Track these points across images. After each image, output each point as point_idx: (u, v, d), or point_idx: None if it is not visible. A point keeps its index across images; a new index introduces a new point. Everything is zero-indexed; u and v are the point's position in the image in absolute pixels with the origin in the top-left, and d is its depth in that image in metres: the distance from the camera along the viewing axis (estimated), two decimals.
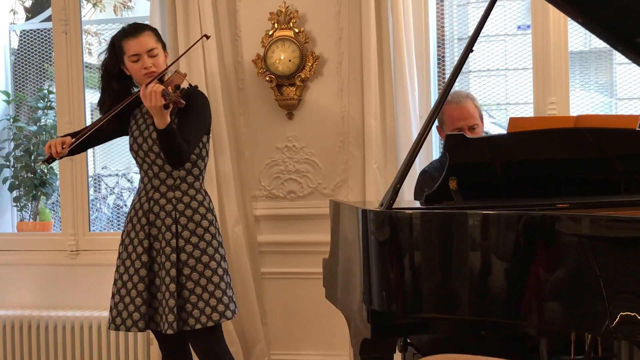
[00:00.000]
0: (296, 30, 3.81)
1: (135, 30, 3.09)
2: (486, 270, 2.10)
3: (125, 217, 3.19)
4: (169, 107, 2.86)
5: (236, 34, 3.94)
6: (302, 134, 3.89)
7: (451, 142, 2.42)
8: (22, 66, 4.67)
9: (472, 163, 2.44)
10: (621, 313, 1.83)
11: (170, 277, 3.00)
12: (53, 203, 4.65)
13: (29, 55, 4.66)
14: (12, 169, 4.48)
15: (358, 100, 3.74)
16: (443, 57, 4.01)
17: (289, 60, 3.79)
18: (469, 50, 2.45)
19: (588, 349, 2.36)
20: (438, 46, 3.93)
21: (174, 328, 2.98)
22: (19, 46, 4.72)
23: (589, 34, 3.48)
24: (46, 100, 4.50)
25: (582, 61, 4.00)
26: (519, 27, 4.03)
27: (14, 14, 4.93)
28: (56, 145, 3.06)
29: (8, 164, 4.47)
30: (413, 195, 3.33)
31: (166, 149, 2.94)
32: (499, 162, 2.45)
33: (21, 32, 4.72)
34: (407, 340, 2.80)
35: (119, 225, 4.67)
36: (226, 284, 3.09)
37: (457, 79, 2.48)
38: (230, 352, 3.20)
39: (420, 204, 2.64)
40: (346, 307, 2.68)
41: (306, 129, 3.89)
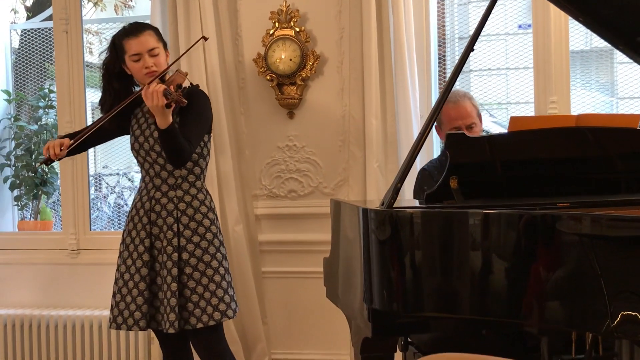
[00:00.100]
0: (297, 30, 3.81)
1: (136, 29, 3.08)
2: (487, 270, 2.10)
3: (127, 216, 3.19)
4: (170, 107, 2.86)
5: (237, 33, 3.93)
6: (303, 133, 3.89)
7: (452, 141, 2.42)
8: (23, 65, 4.67)
9: (472, 162, 2.44)
10: (622, 312, 1.82)
11: (171, 276, 3.00)
12: (54, 202, 4.65)
13: (29, 54, 4.66)
14: (13, 168, 4.48)
15: (359, 99, 3.74)
16: (444, 56, 4.01)
17: (290, 60, 3.79)
18: (469, 49, 2.45)
19: (589, 348, 2.36)
20: (439, 45, 3.93)
21: (175, 327, 2.98)
22: (19, 45, 4.72)
23: (590, 33, 3.47)
24: (47, 99, 4.50)
25: (583, 60, 4.00)
26: (519, 26, 4.03)
27: (15, 13, 4.93)
28: (54, 147, 3.05)
29: (9, 163, 4.48)
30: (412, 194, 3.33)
31: (168, 148, 2.94)
32: (500, 161, 2.45)
33: (22, 31, 4.72)
34: (408, 339, 2.80)
35: (119, 224, 4.67)
36: (227, 283, 3.09)
37: (458, 78, 2.48)
38: (231, 352, 3.19)
39: (420, 203, 2.64)
40: (347, 306, 2.68)
41: (307, 128, 3.88)
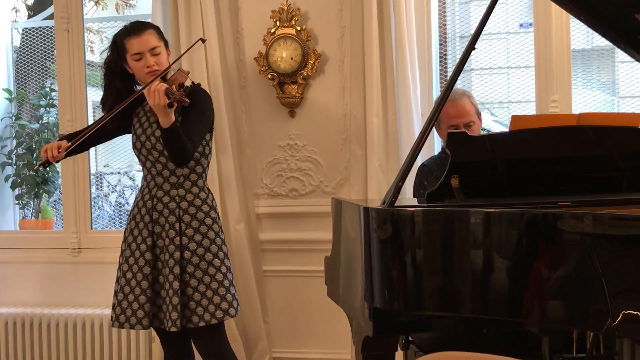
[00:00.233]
0: (298, 28, 3.80)
1: (138, 28, 3.08)
2: (488, 268, 2.10)
3: (128, 215, 3.19)
4: (173, 106, 2.86)
5: (238, 32, 3.93)
6: (304, 132, 3.89)
7: (453, 140, 2.42)
8: (24, 64, 4.68)
9: (474, 161, 2.44)
10: (623, 311, 1.82)
11: (173, 275, 3.00)
12: (55, 201, 4.65)
13: (31, 53, 4.66)
14: (15, 166, 4.48)
15: (360, 98, 3.73)
16: (445, 55, 4.01)
17: (291, 58, 3.79)
18: (471, 48, 2.44)
19: (590, 347, 2.35)
20: (440, 44, 3.93)
21: (177, 325, 2.98)
22: (21, 44, 4.72)
23: (591, 31, 3.47)
24: (48, 98, 4.50)
25: (585, 59, 4.00)
26: (521, 25, 4.02)
27: (16, 11, 4.93)
28: (52, 150, 3.05)
29: (10, 161, 4.48)
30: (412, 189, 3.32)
31: (170, 147, 2.94)
32: (501, 160, 2.45)
33: (23, 30, 4.72)
34: (409, 338, 2.80)
35: (121, 223, 4.67)
36: (229, 281, 3.10)
37: (459, 77, 2.48)
38: (232, 350, 3.19)
39: (420, 201, 2.64)
40: (348, 305, 2.68)
41: (308, 127, 3.88)
